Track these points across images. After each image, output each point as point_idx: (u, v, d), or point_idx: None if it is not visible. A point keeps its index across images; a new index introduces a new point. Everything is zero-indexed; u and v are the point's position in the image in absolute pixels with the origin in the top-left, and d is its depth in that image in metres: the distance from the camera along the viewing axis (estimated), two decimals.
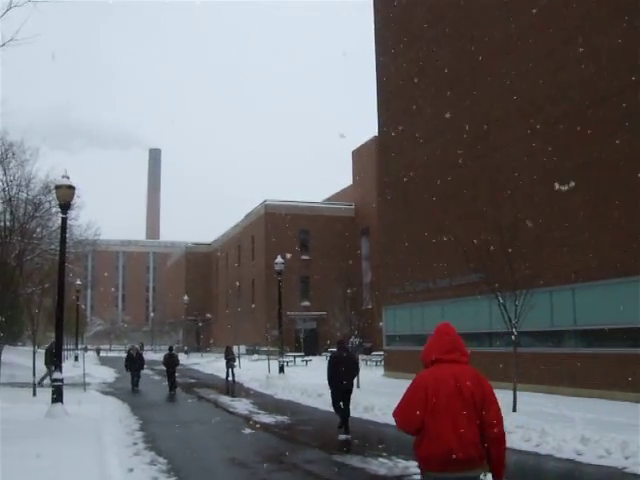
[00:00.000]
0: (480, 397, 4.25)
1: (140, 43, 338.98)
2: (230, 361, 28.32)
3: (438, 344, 4.48)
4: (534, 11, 21.26)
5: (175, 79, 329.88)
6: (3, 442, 10.02)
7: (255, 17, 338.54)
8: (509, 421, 12.72)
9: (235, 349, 32.46)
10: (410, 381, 4.40)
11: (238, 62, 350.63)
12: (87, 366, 26.16)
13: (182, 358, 57.32)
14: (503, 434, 4.25)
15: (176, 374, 24.94)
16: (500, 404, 4.34)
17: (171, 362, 24.76)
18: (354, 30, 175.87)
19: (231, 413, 17.28)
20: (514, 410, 14.74)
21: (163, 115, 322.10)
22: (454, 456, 4.08)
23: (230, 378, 28.53)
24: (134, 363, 26.09)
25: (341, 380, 13.11)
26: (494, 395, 4.36)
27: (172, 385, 24.08)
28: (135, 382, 25.71)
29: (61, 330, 15.85)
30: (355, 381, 13.77)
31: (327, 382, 13.40)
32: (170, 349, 27.09)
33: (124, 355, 30.98)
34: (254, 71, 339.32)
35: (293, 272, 50.42)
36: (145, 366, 27.74)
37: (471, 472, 4.16)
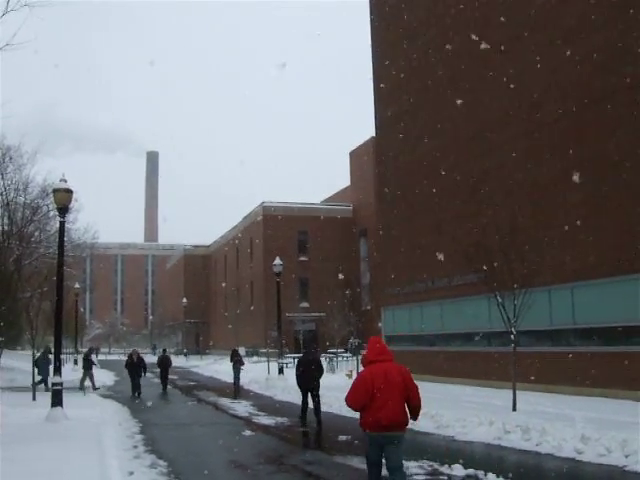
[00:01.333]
0: (403, 382, 6.56)
1: (136, 44, 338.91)
2: (236, 364, 26.58)
3: (372, 351, 6.82)
4: (531, 11, 21.29)
5: (172, 81, 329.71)
6: (3, 446, 10.00)
7: (253, 18, 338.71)
8: (509, 421, 12.74)
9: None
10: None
11: (235, 63, 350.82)
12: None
13: (182, 361, 57.71)
14: (420, 404, 6.74)
15: (169, 374, 26.86)
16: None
17: (164, 363, 26.54)
18: (353, 30, 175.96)
19: (231, 415, 17.26)
20: (514, 409, 14.74)
21: (160, 118, 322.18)
22: (387, 422, 6.41)
23: (237, 383, 26.33)
24: (135, 368, 24.28)
25: (307, 381, 15.06)
26: (413, 380, 6.72)
27: (165, 384, 26.02)
28: (136, 389, 23.73)
29: (60, 334, 15.81)
30: (322, 381, 15.56)
31: (296, 382, 15.42)
32: (163, 351, 29.08)
33: (124, 359, 30.76)
34: (251, 72, 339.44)
35: (292, 273, 50.41)
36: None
37: (398, 432, 6.54)
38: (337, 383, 22.30)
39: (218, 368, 41.35)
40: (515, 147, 21.78)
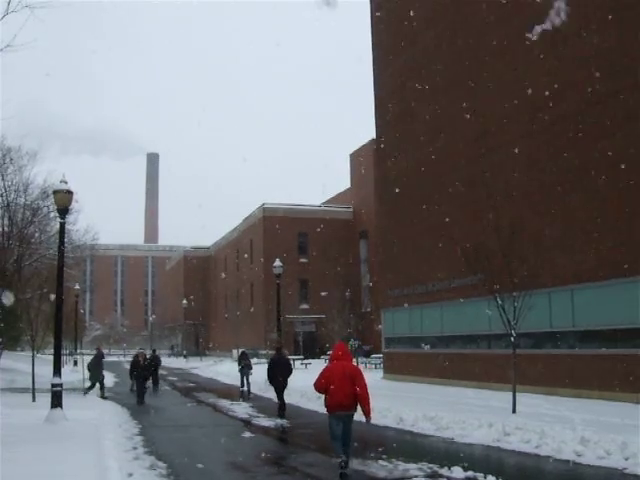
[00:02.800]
0: (354, 376, 9.16)
1: (135, 44, 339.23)
2: (245, 368, 25.42)
3: (335, 352, 9.56)
4: (531, 12, 21.29)
5: (173, 81, 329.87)
6: (2, 447, 10.00)
7: (254, 17, 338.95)
8: (508, 423, 12.72)
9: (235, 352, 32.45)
10: (409, 383, 6.31)
11: (235, 64, 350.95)
12: (86, 371, 25.98)
13: (181, 362, 57.68)
14: (366, 394, 9.16)
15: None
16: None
17: (154, 363, 28.11)
18: (353, 32, 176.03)
19: (231, 417, 17.26)
20: (513, 411, 14.73)
21: (160, 119, 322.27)
22: (341, 403, 9.06)
23: (245, 387, 25.07)
24: (142, 371, 22.97)
25: (278, 378, 17.30)
26: (362, 375, 9.38)
27: (155, 382, 27.88)
28: (141, 394, 22.24)
29: (60, 335, 15.80)
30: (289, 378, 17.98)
31: (267, 380, 18.04)
32: (154, 351, 32.37)
33: (124, 359, 30.91)
34: (252, 73, 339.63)
35: (292, 275, 50.43)
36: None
37: (349, 412, 9.20)
38: None
39: (218, 369, 41.33)
40: (515, 149, 21.77)
